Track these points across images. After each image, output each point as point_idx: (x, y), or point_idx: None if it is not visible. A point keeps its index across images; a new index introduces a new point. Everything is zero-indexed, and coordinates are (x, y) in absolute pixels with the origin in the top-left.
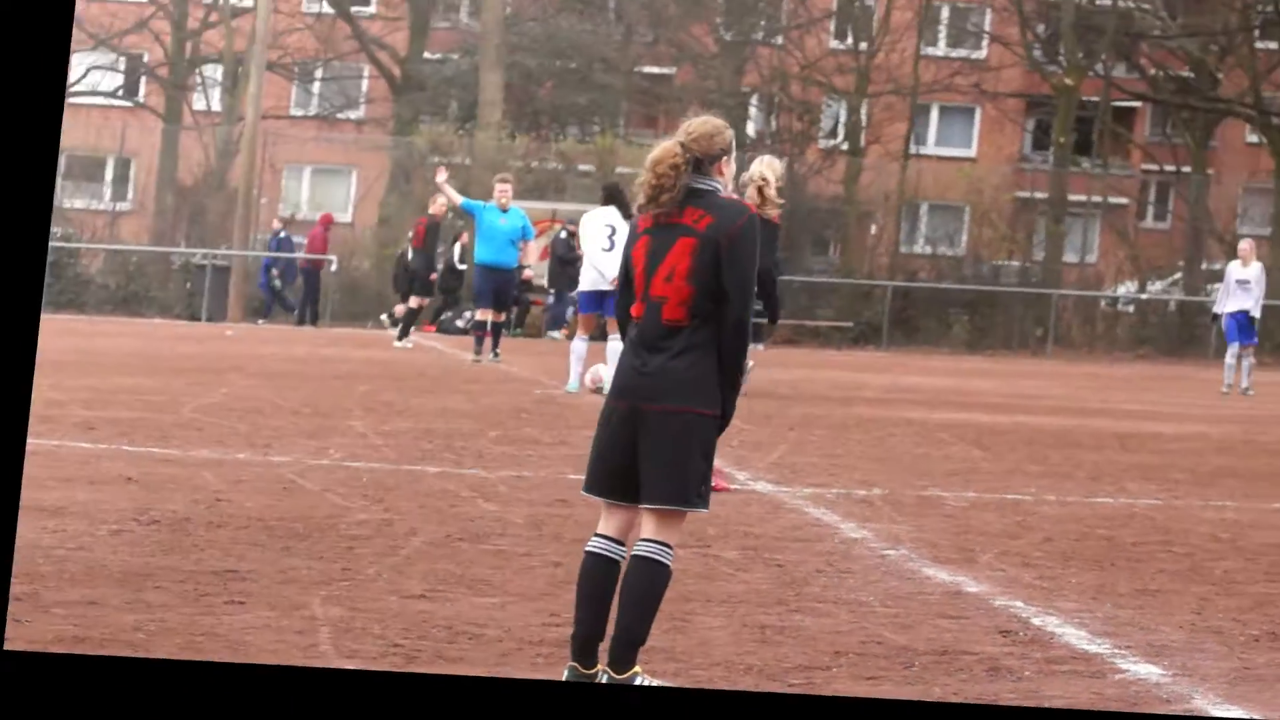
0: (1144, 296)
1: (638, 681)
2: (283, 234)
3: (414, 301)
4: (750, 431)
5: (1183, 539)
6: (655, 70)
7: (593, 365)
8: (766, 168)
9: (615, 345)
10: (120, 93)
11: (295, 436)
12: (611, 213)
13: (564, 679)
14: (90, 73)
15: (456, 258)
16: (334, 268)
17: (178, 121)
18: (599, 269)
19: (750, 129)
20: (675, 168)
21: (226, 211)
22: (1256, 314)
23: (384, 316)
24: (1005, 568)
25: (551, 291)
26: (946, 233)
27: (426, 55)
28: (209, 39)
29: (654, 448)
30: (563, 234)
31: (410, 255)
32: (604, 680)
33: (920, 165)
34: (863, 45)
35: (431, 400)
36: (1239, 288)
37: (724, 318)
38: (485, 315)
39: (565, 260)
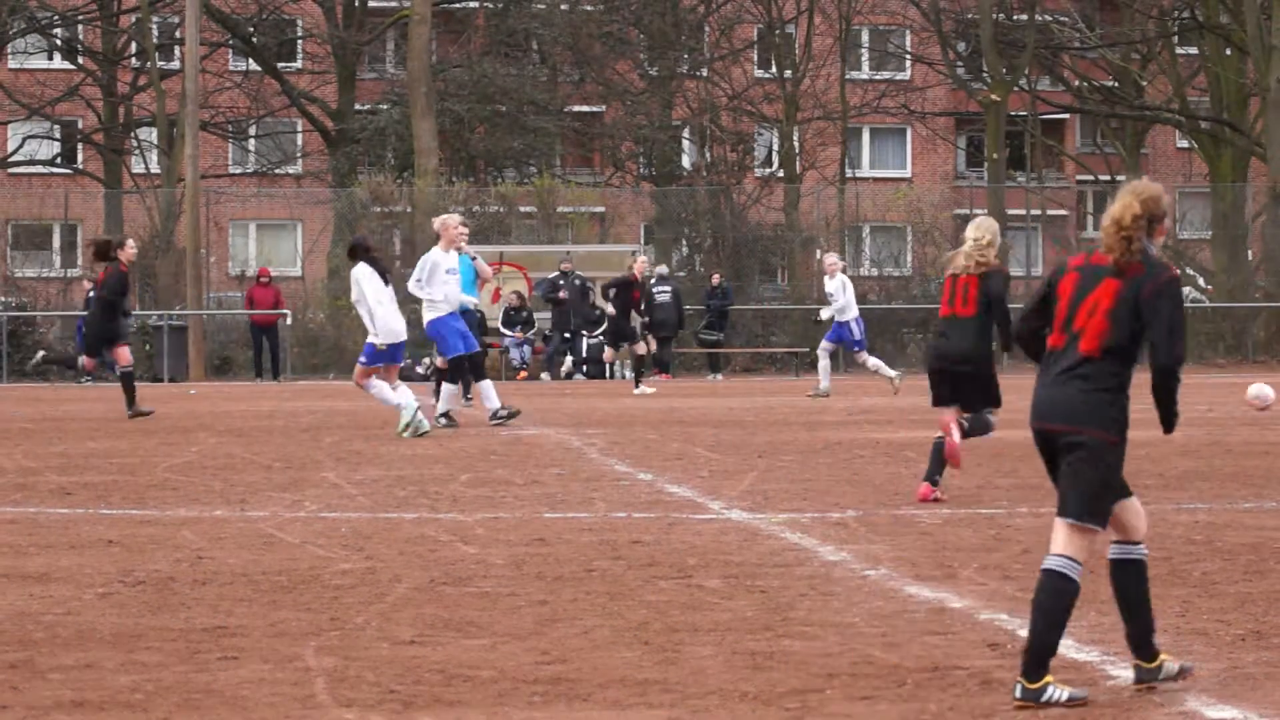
0: None
1: (1050, 690)
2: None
3: (639, 348)
4: (719, 460)
5: (1158, 543)
6: (585, 109)
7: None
8: (976, 229)
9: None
10: (59, 160)
11: (270, 490)
12: (368, 268)
13: (1014, 695)
14: (26, 142)
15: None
16: (289, 320)
17: (118, 186)
18: (397, 322)
19: (685, 161)
20: (1137, 218)
21: (176, 272)
22: (842, 318)
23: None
24: (986, 581)
25: (547, 332)
26: (891, 254)
27: (357, 107)
28: (141, 102)
29: (1065, 467)
30: (552, 274)
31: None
32: (1018, 693)
33: (858, 188)
34: (788, 73)
35: (400, 447)
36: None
37: (1152, 366)
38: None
39: (553, 301)
